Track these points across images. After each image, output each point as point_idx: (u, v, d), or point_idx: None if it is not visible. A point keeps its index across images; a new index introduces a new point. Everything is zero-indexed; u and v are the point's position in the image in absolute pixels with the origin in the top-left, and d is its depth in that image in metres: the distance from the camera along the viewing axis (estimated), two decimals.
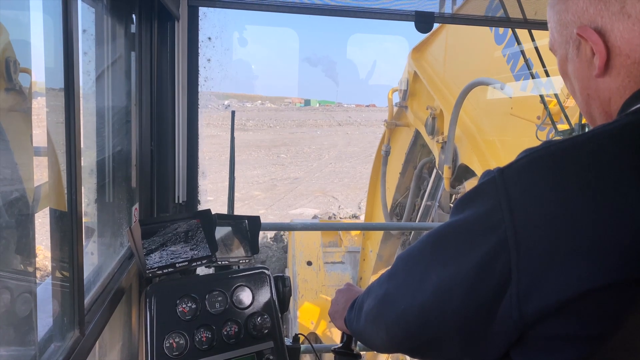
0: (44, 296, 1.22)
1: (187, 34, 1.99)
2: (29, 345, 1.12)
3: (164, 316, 1.60)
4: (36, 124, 1.13)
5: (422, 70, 5.38)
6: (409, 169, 6.13)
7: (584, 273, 0.65)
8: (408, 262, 0.89)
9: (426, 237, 0.86)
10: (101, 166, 1.75)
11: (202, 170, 2.11)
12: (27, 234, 1.13)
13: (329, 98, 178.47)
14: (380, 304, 0.95)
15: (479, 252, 0.73)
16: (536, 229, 0.68)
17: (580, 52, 0.84)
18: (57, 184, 1.20)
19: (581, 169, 0.69)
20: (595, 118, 0.87)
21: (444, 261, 0.79)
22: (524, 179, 0.72)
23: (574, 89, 0.90)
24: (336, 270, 8.19)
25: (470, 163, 4.20)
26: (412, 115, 5.63)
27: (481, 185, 0.77)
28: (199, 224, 1.77)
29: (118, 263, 1.71)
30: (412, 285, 0.85)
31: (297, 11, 2.08)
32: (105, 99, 1.76)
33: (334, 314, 1.35)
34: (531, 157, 0.74)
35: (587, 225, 0.66)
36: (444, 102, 4.75)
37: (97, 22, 1.69)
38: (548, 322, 0.69)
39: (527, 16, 2.16)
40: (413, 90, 5.67)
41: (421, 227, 6.00)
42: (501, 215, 0.71)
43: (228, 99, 57.59)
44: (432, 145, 4.90)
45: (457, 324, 0.78)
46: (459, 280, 0.76)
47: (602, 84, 0.82)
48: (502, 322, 0.72)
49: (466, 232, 0.76)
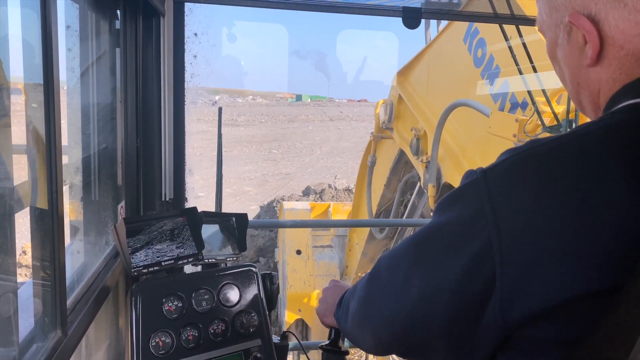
0: (25, 296, 1.21)
1: (173, 30, 1.96)
2: (9, 346, 1.11)
3: (150, 315, 1.59)
4: (15, 121, 1.11)
5: (406, 93, 5.57)
6: (393, 182, 6.40)
7: (569, 280, 0.64)
8: (391, 265, 0.87)
9: (409, 240, 0.84)
10: (86, 164, 1.73)
11: (189, 168, 2.09)
12: (7, 234, 1.11)
13: (320, 93, 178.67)
14: (364, 308, 0.94)
15: (463, 257, 0.72)
16: (520, 234, 0.67)
17: (571, 38, 0.80)
18: (37, 182, 1.18)
19: (565, 173, 0.67)
20: (584, 107, 0.85)
21: (427, 265, 0.77)
22: (508, 182, 0.70)
23: (563, 75, 0.87)
24: (324, 259, 8.41)
25: (453, 182, 4.31)
26: (398, 136, 5.82)
27: (464, 187, 0.75)
28: (185, 222, 1.75)
29: (103, 262, 1.69)
30: (396, 289, 0.83)
31: (284, 7, 2.06)
32: (90, 96, 1.74)
33: (324, 311, 1.34)
34: (515, 159, 0.71)
35: (571, 232, 0.65)
36: (427, 123, 4.90)
37: (81, 18, 1.67)
38: (532, 327, 0.68)
39: (515, 12, 2.16)
40: (398, 113, 5.87)
41: (409, 224, 6.08)
42: (485, 220, 0.69)
43: (219, 94, 57.38)
44: (417, 165, 5.06)
45: (442, 330, 0.76)
46: (444, 286, 0.74)
47: (592, 74, 0.79)
48: (487, 327, 0.71)
49: (450, 236, 0.75)
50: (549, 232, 0.65)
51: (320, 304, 1.36)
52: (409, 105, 5.43)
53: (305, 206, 9.65)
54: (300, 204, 10.75)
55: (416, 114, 5.19)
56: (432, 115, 4.82)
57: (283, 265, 8.22)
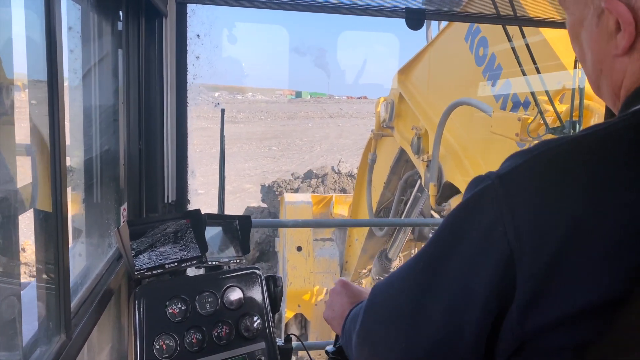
0: (29, 299, 1.21)
1: (175, 31, 1.96)
2: (13, 350, 1.10)
3: (154, 318, 1.59)
4: (19, 123, 1.11)
5: (407, 92, 5.54)
6: (393, 180, 6.42)
7: (588, 287, 0.63)
8: (393, 296, 0.82)
9: (415, 265, 0.79)
10: (88, 166, 1.72)
11: (191, 170, 2.09)
12: (11, 237, 1.11)
13: (320, 90, 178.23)
14: (370, 345, 0.87)
15: (485, 271, 0.68)
16: (541, 240, 0.64)
17: (601, 22, 0.75)
18: (41, 184, 1.18)
19: (587, 175, 0.65)
20: (602, 93, 0.81)
21: (446, 288, 0.73)
22: (526, 187, 0.67)
23: (584, 57, 0.82)
24: (325, 255, 8.43)
25: (454, 180, 4.31)
26: (399, 135, 5.80)
27: (478, 196, 0.71)
28: (189, 224, 1.75)
29: (106, 264, 1.69)
30: (407, 320, 0.78)
31: (286, 8, 2.05)
32: (93, 98, 1.74)
33: (330, 319, 1.26)
34: (532, 162, 0.68)
35: (593, 236, 0.63)
36: (428, 122, 4.88)
37: (84, 19, 1.67)
38: (547, 334, 0.67)
39: (518, 13, 2.15)
40: (399, 111, 5.84)
41: (409, 223, 6.09)
42: (503, 227, 0.66)
43: (218, 91, 57.28)
44: (418, 164, 5.03)
45: (468, 347, 0.72)
46: (469, 305, 0.70)
47: (618, 64, 0.75)
48: (505, 336, 0.70)
49: (469, 249, 0.71)
50: (568, 236, 0.63)
51: (327, 309, 1.30)
52: (410, 104, 5.41)
53: (307, 198, 9.56)
54: (302, 196, 10.64)
55: (417, 112, 5.17)
56: (433, 114, 4.80)
57: (283, 262, 8.25)
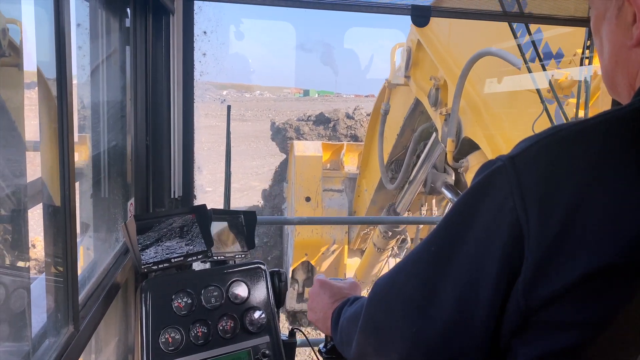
0: (38, 292, 1.23)
1: (182, 28, 1.97)
2: (23, 341, 1.13)
3: (160, 311, 1.61)
4: (29, 118, 1.13)
5: (426, 39, 5.07)
6: (406, 132, 6.04)
7: (590, 254, 0.64)
8: (398, 285, 0.83)
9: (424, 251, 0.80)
10: (96, 161, 1.75)
11: (197, 165, 2.10)
12: (21, 230, 1.13)
13: (327, 88, 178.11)
14: (377, 337, 0.87)
15: (497, 251, 0.69)
16: (548, 218, 0.66)
17: (620, 14, 0.76)
18: (50, 179, 1.20)
19: (592, 155, 0.67)
20: (617, 86, 0.83)
21: (460, 271, 0.74)
22: (537, 167, 0.69)
23: (602, 50, 0.83)
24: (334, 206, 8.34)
25: (474, 136, 4.02)
26: (415, 86, 5.36)
27: (490, 177, 0.72)
28: (195, 219, 1.77)
29: (113, 258, 1.71)
30: (417, 305, 0.79)
31: (293, 5, 2.06)
32: (100, 94, 1.76)
33: (316, 322, 1.26)
34: (542, 144, 0.70)
35: (598, 211, 0.64)
36: (448, 72, 4.51)
37: (92, 16, 1.68)
38: (551, 308, 0.68)
39: (525, 10, 2.15)
40: (416, 60, 5.36)
41: (419, 221, 6.04)
42: (513, 202, 0.68)
43: (226, 89, 57.31)
44: (435, 117, 4.67)
45: (481, 330, 0.73)
46: (483, 286, 0.71)
47: (634, 55, 0.76)
48: (511, 313, 0.71)
49: (483, 236, 0.72)
50: (576, 213, 0.65)
51: (310, 312, 1.29)
52: (429, 52, 4.97)
53: (317, 147, 9.03)
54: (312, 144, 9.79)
55: (437, 62, 4.75)
56: (455, 65, 4.43)
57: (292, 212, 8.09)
